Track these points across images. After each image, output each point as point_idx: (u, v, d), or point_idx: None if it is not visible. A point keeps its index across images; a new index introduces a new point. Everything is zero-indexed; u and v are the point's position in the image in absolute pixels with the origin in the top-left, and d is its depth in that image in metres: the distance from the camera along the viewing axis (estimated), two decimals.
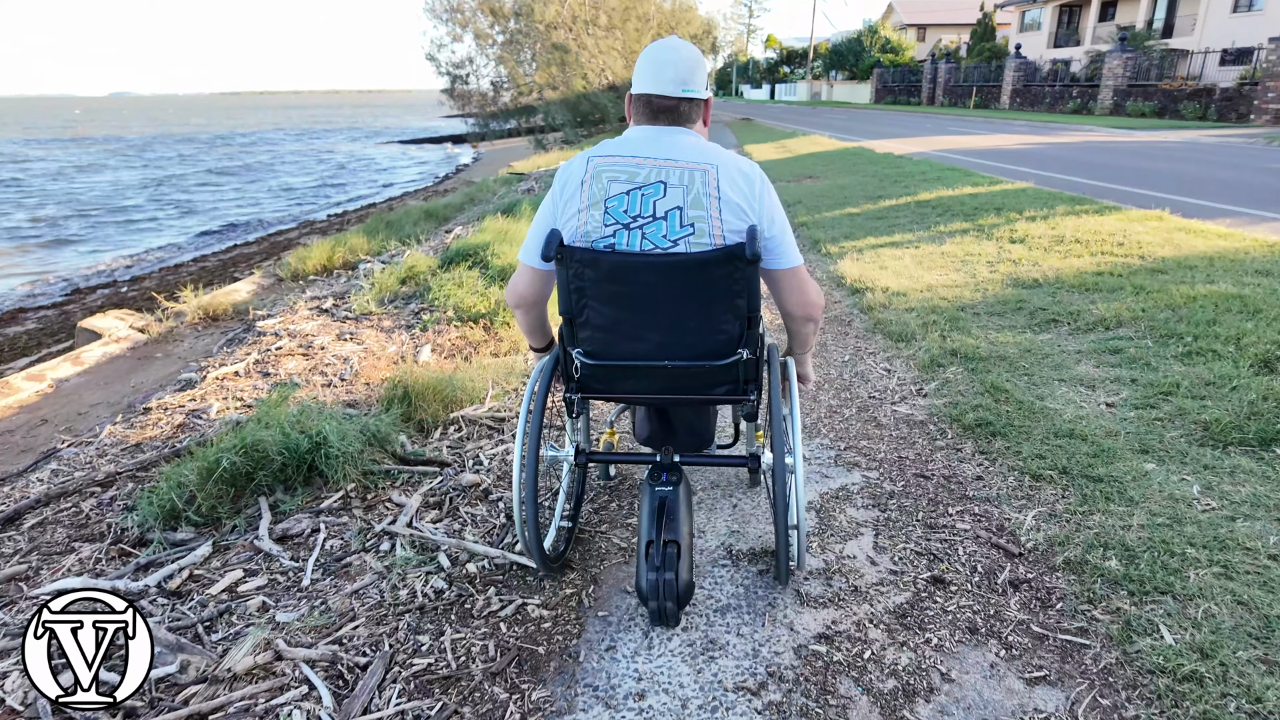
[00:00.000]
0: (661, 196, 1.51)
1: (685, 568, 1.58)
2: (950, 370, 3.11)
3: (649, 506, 1.62)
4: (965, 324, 3.63)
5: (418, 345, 3.71)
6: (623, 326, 1.60)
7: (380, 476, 2.44)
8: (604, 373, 1.68)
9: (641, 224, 1.52)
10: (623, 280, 1.54)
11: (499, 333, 3.84)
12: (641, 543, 1.59)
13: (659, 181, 1.51)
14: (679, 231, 1.51)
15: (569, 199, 1.56)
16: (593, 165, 1.55)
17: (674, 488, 1.65)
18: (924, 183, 8.19)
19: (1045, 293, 4.05)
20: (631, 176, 1.52)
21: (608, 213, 1.52)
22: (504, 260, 4.73)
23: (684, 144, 1.54)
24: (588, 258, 1.53)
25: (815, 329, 1.79)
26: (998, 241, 5.26)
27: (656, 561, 1.54)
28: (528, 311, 1.81)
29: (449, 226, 7.04)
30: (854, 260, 5.07)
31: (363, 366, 3.42)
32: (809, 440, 2.66)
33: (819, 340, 3.67)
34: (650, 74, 1.56)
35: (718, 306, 1.55)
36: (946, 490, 2.28)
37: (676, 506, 1.62)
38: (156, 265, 11.87)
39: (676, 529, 1.59)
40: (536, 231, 1.65)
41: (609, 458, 2.08)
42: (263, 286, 5.79)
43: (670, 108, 1.57)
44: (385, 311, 4.24)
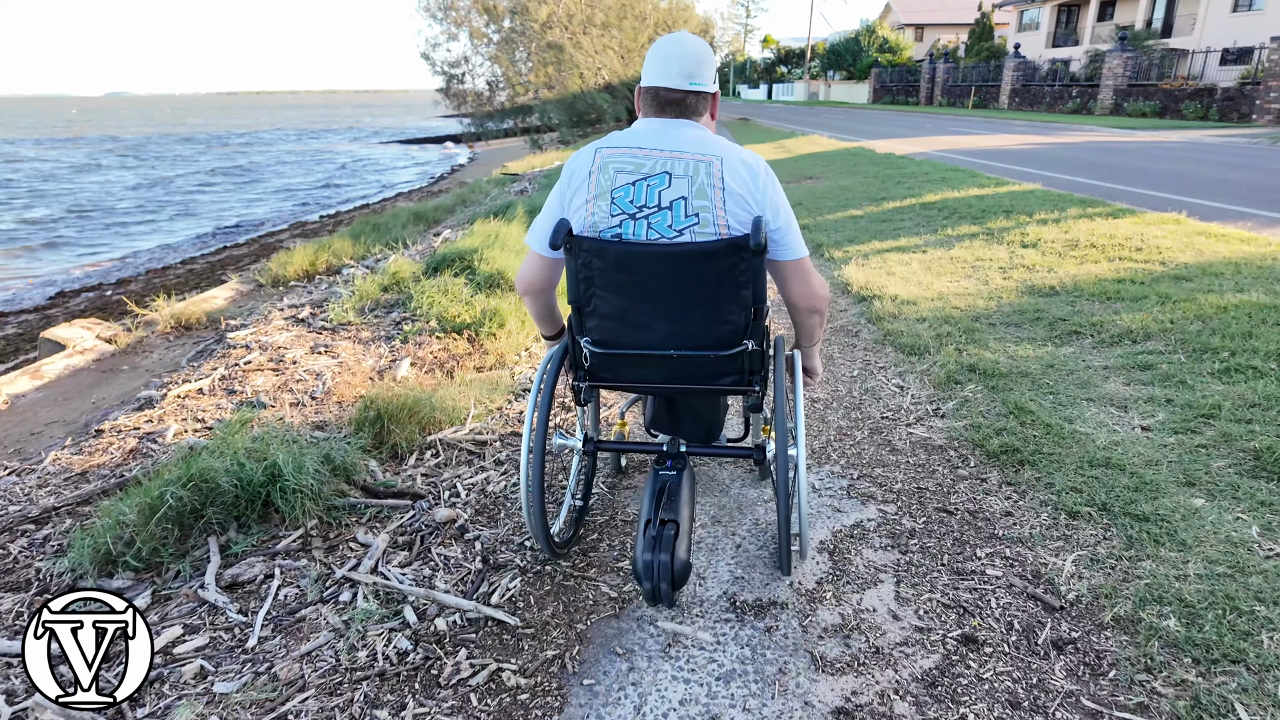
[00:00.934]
0: (666, 187, 1.52)
1: (683, 548, 1.59)
2: (969, 388, 2.88)
3: (651, 488, 1.66)
4: (981, 336, 3.40)
5: (396, 359, 3.47)
6: (630, 316, 1.61)
7: (345, 512, 2.21)
8: (612, 361, 1.71)
9: (647, 214, 1.53)
10: (630, 269, 1.55)
11: (484, 344, 3.61)
12: (641, 521, 1.61)
13: (664, 172, 1.52)
14: (684, 221, 1.52)
15: (576, 189, 1.58)
16: (600, 156, 1.56)
17: (677, 473, 1.69)
18: (928, 184, 7.97)
19: (1064, 301, 3.82)
20: (638, 167, 1.53)
21: (614, 203, 1.54)
22: (492, 266, 4.50)
23: (690, 136, 1.55)
24: (595, 247, 1.54)
25: (821, 321, 1.78)
26: (1009, 246, 5.04)
27: (653, 537, 1.56)
28: (536, 298, 1.82)
29: (438, 229, 6.80)
30: (859, 266, 4.84)
31: (336, 383, 3.19)
32: (819, 467, 2.44)
33: (825, 351, 3.45)
34: (658, 68, 1.58)
35: (723, 297, 1.56)
36: (973, 528, 2.05)
37: (678, 489, 1.65)
38: (144, 268, 11.62)
39: (676, 509, 1.61)
40: (545, 220, 1.67)
41: (617, 446, 2.07)
42: (241, 293, 5.54)
43: (677, 100, 1.58)
44: (364, 321, 4.00)
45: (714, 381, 1.71)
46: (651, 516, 1.59)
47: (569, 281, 1.61)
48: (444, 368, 3.41)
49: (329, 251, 5.86)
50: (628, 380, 1.81)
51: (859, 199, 7.49)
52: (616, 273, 1.56)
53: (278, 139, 41.54)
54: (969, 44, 36.69)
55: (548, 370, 1.77)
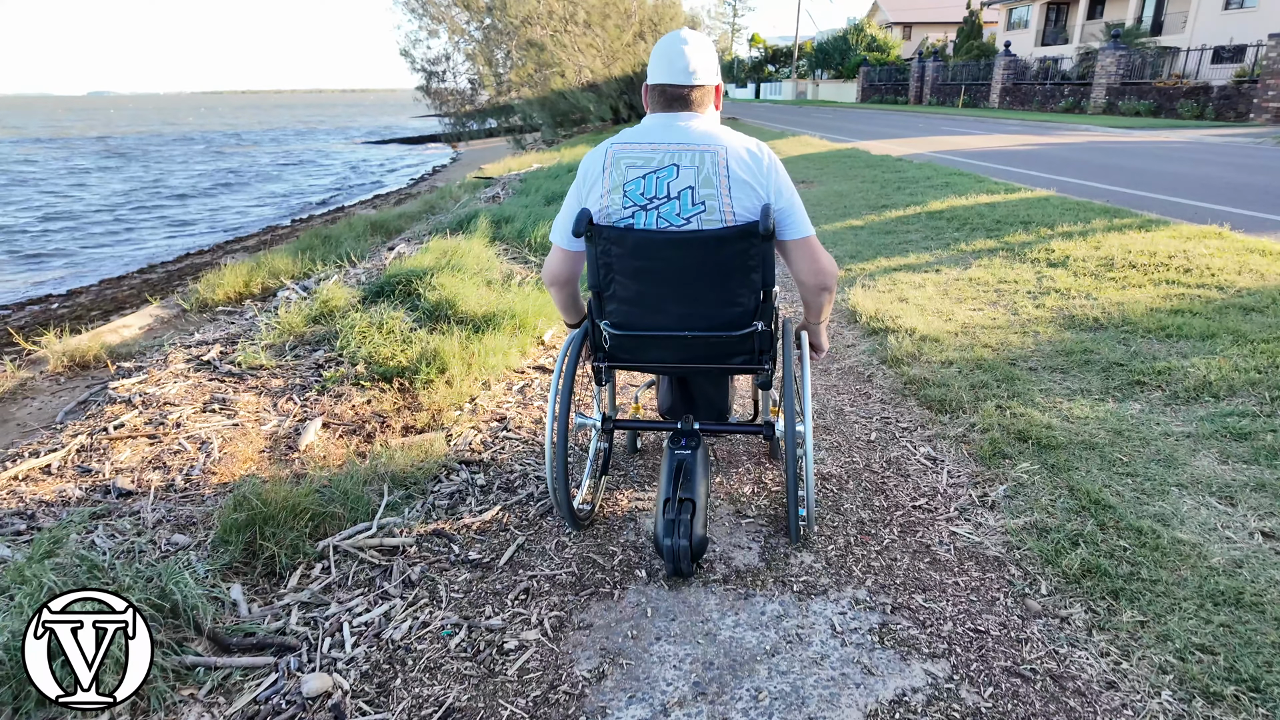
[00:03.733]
0: (674, 178, 1.60)
1: (700, 524, 1.69)
2: (1021, 465, 2.27)
3: (668, 467, 1.76)
4: (1024, 386, 2.79)
5: (307, 417, 2.82)
6: (646, 300, 1.70)
7: (178, 678, 1.56)
8: (629, 343, 1.79)
9: (657, 204, 1.62)
10: (646, 255, 1.64)
11: (418, 396, 2.96)
12: (660, 499, 1.71)
13: (672, 165, 1.60)
14: (691, 210, 1.61)
15: (591, 185, 1.68)
16: (612, 153, 1.65)
17: (692, 451, 1.78)
18: (931, 189, 7.38)
19: (1113, 338, 3.22)
20: (647, 161, 1.61)
21: (626, 196, 1.63)
22: (440, 294, 3.84)
23: (696, 128, 1.63)
24: (614, 235, 1.63)
25: (830, 297, 1.82)
26: (1034, 265, 4.44)
27: (671, 519, 1.66)
28: (561, 289, 1.90)
29: (395, 242, 6.12)
30: (866, 289, 4.23)
31: (224, 454, 2.53)
32: (838, 588, 1.81)
33: (835, 403, 2.83)
34: (663, 65, 1.65)
35: (734, 280, 1.64)
36: (1063, 709, 1.43)
37: (694, 467, 1.75)
38: (97, 277, 10.87)
39: (693, 488, 1.71)
40: (565, 216, 1.75)
41: (634, 424, 2.21)
42: (160, 320, 4.85)
43: (682, 95, 1.65)
44: (280, 365, 3.33)
45: (726, 361, 1.80)
46: (670, 495, 1.69)
47: (589, 268, 1.70)
48: (364, 429, 2.76)
49: (264, 271, 5.18)
50: (645, 361, 1.91)
51: (858, 207, 6.89)
52: (634, 259, 1.65)
53: (260, 138, 40.42)
54: (957, 42, 36.31)
55: (569, 352, 1.84)
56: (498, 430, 2.76)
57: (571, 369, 1.81)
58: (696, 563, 1.71)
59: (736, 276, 1.63)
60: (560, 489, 1.83)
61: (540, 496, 2.26)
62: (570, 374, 1.80)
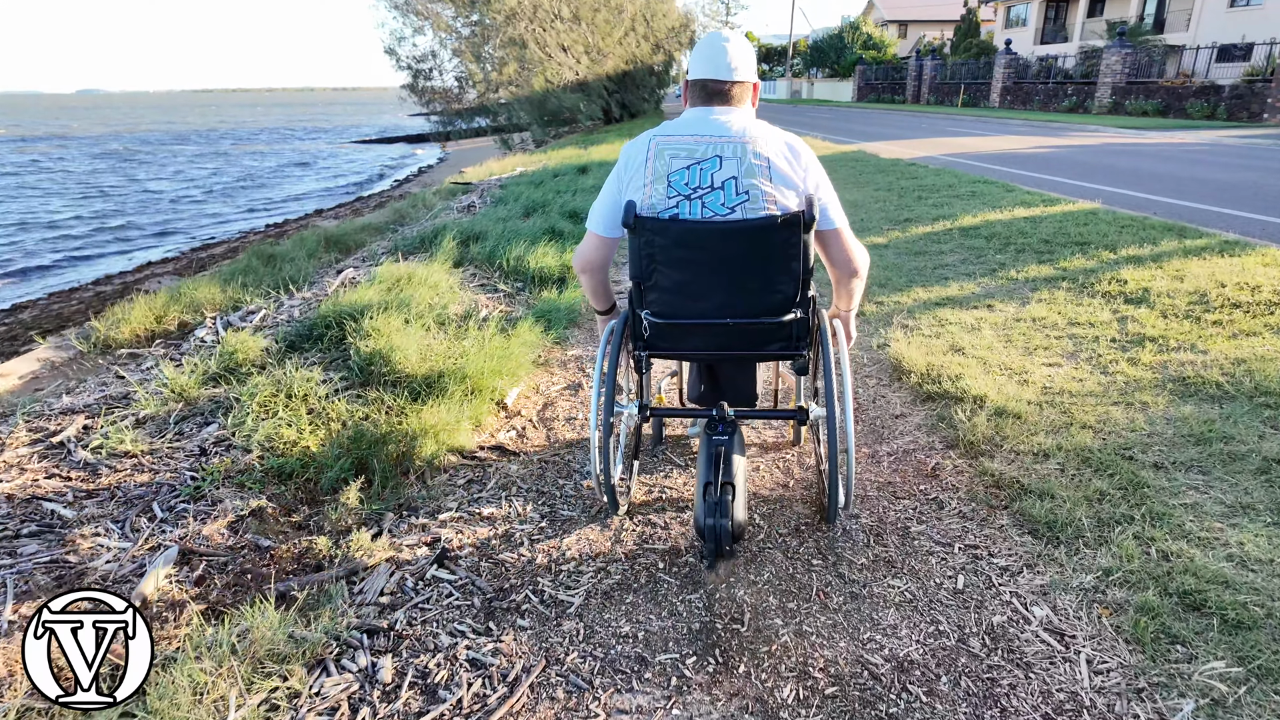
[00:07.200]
0: (718, 169, 1.66)
1: (740, 507, 1.71)
2: (1211, 664, 1.48)
3: (707, 453, 1.76)
4: (1160, 499, 2.01)
5: (161, 545, 2.01)
6: (688, 288, 1.74)
7: None
8: (670, 331, 1.84)
9: (701, 194, 1.67)
10: (690, 245, 1.69)
11: (324, 507, 2.15)
12: (700, 484, 1.73)
13: (715, 156, 1.66)
14: (735, 199, 1.66)
15: (633, 175, 1.73)
16: (655, 144, 1.70)
17: (729, 437, 1.78)
18: (957, 200, 6.60)
19: (1251, 415, 2.44)
20: (691, 152, 1.67)
21: (670, 186, 1.68)
22: (377, 342, 3.03)
23: (736, 122, 1.68)
24: (658, 226, 1.68)
25: (861, 285, 1.89)
26: (1108, 300, 3.67)
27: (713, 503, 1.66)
28: (593, 276, 1.94)
29: (346, 263, 5.28)
30: (907, 332, 3.44)
31: (10, 625, 1.71)
32: None
33: (899, 520, 2.04)
34: (706, 62, 1.71)
35: (775, 268, 1.70)
36: None
37: (731, 452, 1.75)
38: (44, 291, 10.00)
39: (731, 472, 1.72)
40: (602, 204, 1.81)
41: (671, 412, 2.19)
42: (51, 365, 4.01)
43: (723, 90, 1.71)
44: (153, 448, 2.51)
45: (764, 347, 1.85)
46: (711, 479, 1.70)
47: (631, 259, 1.75)
48: (233, 568, 1.95)
49: (183, 302, 4.34)
50: (685, 348, 1.96)
51: (877, 220, 6.10)
52: (677, 249, 1.69)
53: (250, 137, 39.31)
54: (955, 41, 35.66)
55: (610, 343, 1.85)
56: (424, 568, 1.95)
57: (615, 356, 1.82)
58: (736, 543, 1.78)
59: (778, 264, 1.69)
60: (605, 472, 1.89)
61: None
62: (614, 361, 1.81)
